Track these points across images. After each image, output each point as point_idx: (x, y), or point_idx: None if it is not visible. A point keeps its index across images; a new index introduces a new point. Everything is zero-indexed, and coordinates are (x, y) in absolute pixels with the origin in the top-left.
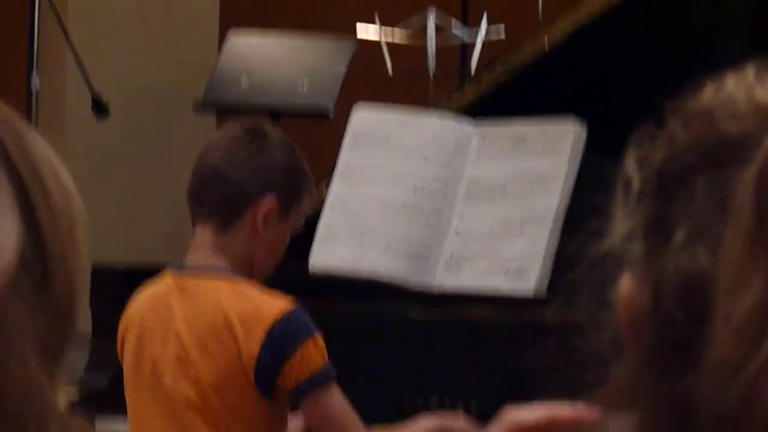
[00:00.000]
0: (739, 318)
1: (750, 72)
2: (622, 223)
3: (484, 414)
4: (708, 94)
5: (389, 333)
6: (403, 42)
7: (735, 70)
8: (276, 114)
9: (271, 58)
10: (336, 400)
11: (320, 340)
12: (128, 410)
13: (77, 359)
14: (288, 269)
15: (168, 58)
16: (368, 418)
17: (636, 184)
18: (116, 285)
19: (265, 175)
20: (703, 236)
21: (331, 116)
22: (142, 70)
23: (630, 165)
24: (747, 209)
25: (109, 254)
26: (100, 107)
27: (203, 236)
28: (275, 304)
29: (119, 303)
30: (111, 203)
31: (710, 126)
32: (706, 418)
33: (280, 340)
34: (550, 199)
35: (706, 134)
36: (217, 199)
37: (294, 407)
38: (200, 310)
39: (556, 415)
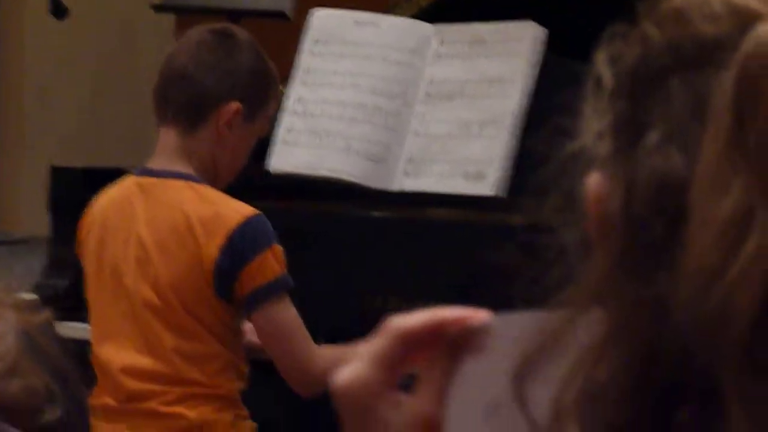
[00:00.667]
0: (718, 222)
1: None
2: (593, 121)
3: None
4: None
5: (349, 234)
6: None
7: None
8: (235, 14)
9: None
10: (288, 312)
11: (279, 250)
12: (90, 311)
13: (36, 262)
14: (247, 171)
15: None
16: (329, 319)
17: (608, 82)
18: (76, 186)
19: (232, 78)
20: (678, 139)
21: (290, 17)
22: None
23: (601, 62)
24: (725, 113)
25: (69, 155)
26: (58, 8)
27: (168, 138)
28: (237, 210)
29: (79, 204)
30: (71, 104)
31: (685, 27)
32: (683, 322)
33: (239, 246)
34: (509, 101)
35: (682, 35)
36: (182, 101)
37: (246, 314)
38: (162, 212)
39: (442, 318)
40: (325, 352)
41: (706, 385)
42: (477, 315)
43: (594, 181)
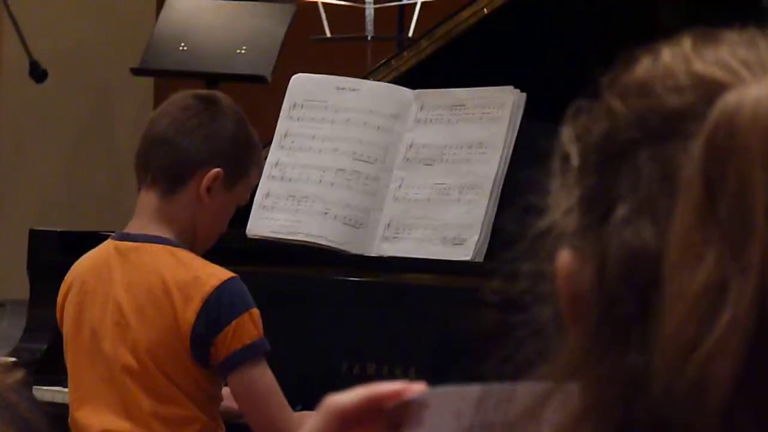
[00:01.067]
0: (692, 293)
1: (686, 42)
2: (561, 198)
3: (423, 381)
4: (644, 66)
5: (327, 300)
6: (342, 3)
7: (670, 41)
8: (213, 79)
9: (209, 23)
10: (264, 376)
11: (257, 314)
12: (68, 375)
13: (14, 325)
14: (226, 236)
15: (106, 22)
16: (305, 386)
17: (574, 158)
18: (54, 249)
19: (214, 144)
20: (648, 212)
21: (269, 81)
22: (81, 34)
23: (566, 138)
24: (695, 183)
25: (47, 217)
26: (37, 72)
27: (147, 202)
28: (214, 274)
29: (56, 268)
30: (49, 166)
31: (650, 99)
32: (659, 394)
33: (215, 310)
34: (489, 166)
35: (647, 108)
36: (164, 165)
37: (223, 378)
38: (140, 276)
39: (378, 393)
40: (303, 417)
41: None
42: (412, 388)
43: (564, 259)
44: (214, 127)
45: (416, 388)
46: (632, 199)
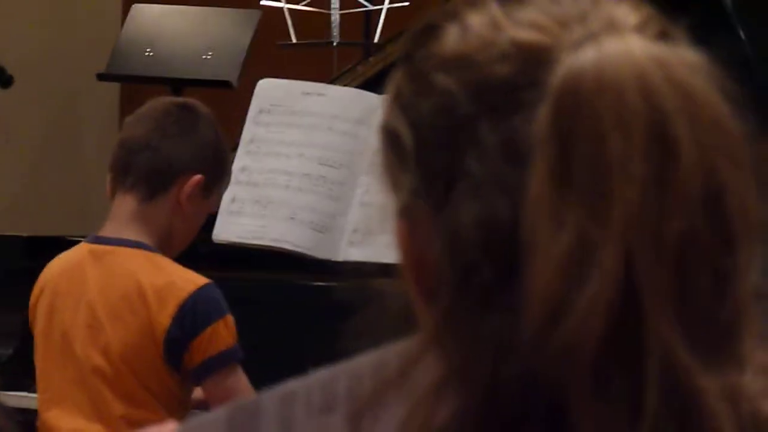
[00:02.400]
0: (557, 257)
1: (492, 6)
2: (398, 175)
3: None
4: (454, 36)
5: (293, 304)
6: (307, 9)
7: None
8: (180, 84)
9: (175, 29)
10: (240, 383)
11: (231, 321)
12: (38, 377)
13: None
14: (193, 242)
15: (72, 27)
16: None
17: (406, 136)
18: (20, 255)
19: (196, 150)
20: (496, 183)
21: (235, 87)
22: (46, 39)
23: (392, 117)
24: (546, 151)
25: (12, 224)
26: (3, 78)
27: (123, 206)
28: (190, 280)
29: (23, 273)
30: (14, 171)
31: (476, 72)
32: (527, 354)
33: (190, 316)
34: None
35: (476, 81)
36: (145, 170)
37: (196, 383)
38: (114, 278)
39: None
40: None
41: (552, 415)
42: (165, 428)
43: (402, 230)
44: (195, 134)
45: (169, 427)
46: (477, 171)
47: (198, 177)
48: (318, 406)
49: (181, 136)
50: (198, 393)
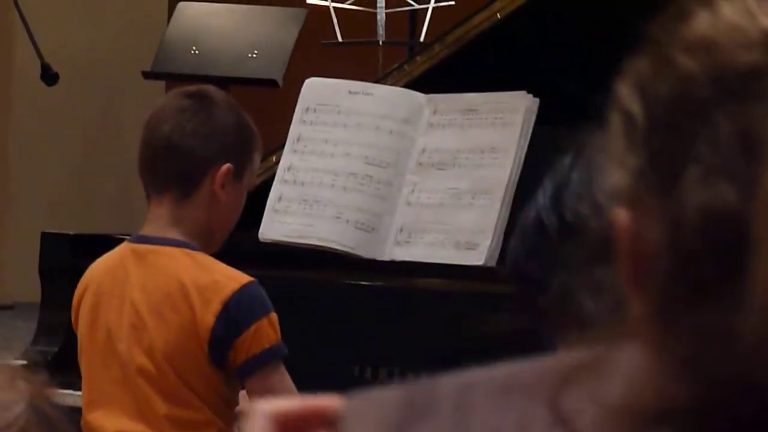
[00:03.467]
0: None
1: None
2: (626, 157)
3: None
4: (704, 20)
5: (339, 304)
6: (353, 8)
7: None
8: (224, 82)
9: (220, 27)
10: (283, 380)
11: (275, 318)
12: (82, 378)
13: (25, 328)
14: (238, 239)
15: (118, 27)
16: (318, 389)
17: (639, 117)
18: (65, 252)
19: (218, 140)
20: (726, 172)
21: (280, 85)
22: (92, 37)
23: (627, 96)
24: None
25: (57, 220)
26: (49, 75)
27: (159, 209)
28: (233, 278)
29: (68, 270)
30: (59, 169)
31: (721, 56)
32: (745, 356)
33: (235, 314)
34: (501, 171)
35: (720, 66)
36: (173, 171)
37: (241, 382)
38: (157, 278)
39: (317, 405)
40: None
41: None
42: (336, 402)
43: (623, 218)
44: (214, 124)
45: (339, 402)
46: (709, 159)
47: (226, 167)
48: (499, 387)
49: (201, 131)
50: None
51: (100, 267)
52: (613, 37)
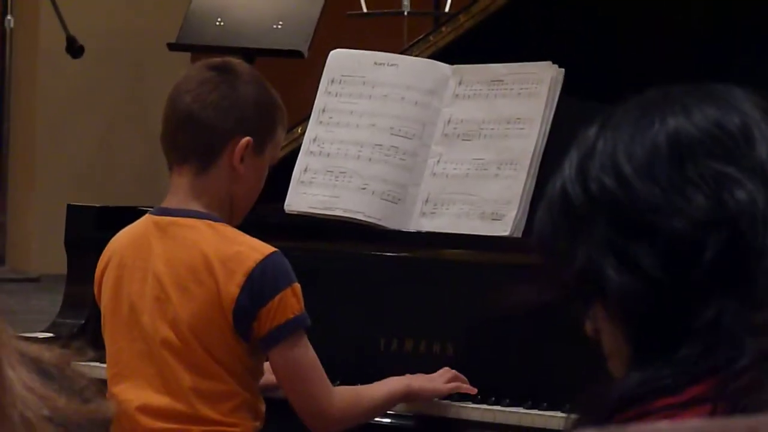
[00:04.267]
0: None
1: None
2: None
3: (461, 357)
4: None
5: (366, 275)
6: None
7: None
8: (250, 54)
9: None
10: (306, 351)
11: (298, 289)
12: (107, 350)
13: (51, 300)
14: (264, 211)
15: (142, 0)
16: (343, 362)
17: None
18: (91, 225)
19: (238, 113)
20: None
21: (305, 56)
22: (117, 9)
23: None
24: None
25: (82, 192)
26: (74, 48)
27: (180, 180)
28: (256, 248)
29: (93, 243)
30: (85, 142)
31: None
32: None
33: (259, 284)
34: (527, 141)
35: None
36: (193, 142)
37: (264, 352)
38: (180, 250)
39: None
40: (342, 392)
41: None
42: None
43: None
44: (235, 97)
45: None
46: None
47: (246, 140)
48: None
49: (221, 103)
50: (271, 376)
51: (122, 239)
52: (639, 8)
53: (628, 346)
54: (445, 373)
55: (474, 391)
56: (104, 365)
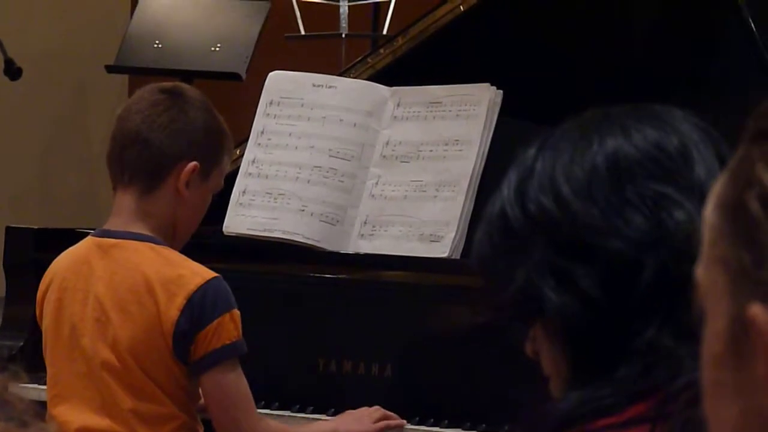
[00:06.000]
0: None
1: None
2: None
3: (399, 378)
4: None
5: (303, 296)
6: (316, 0)
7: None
8: (188, 76)
9: (184, 20)
10: (239, 379)
11: (237, 315)
12: (48, 371)
13: None
14: (202, 234)
15: (81, 19)
16: (281, 383)
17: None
18: (29, 247)
19: (187, 137)
20: None
21: (243, 78)
22: (55, 31)
23: (752, 201)
24: None
25: (20, 214)
26: (12, 70)
27: (124, 201)
28: (198, 273)
29: (32, 265)
30: (23, 164)
31: None
32: None
33: (198, 308)
34: (465, 163)
35: None
36: (139, 163)
37: (196, 377)
38: (122, 272)
39: None
40: (271, 426)
41: None
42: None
43: (762, 315)
44: (185, 121)
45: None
46: None
47: (192, 164)
48: None
49: (170, 126)
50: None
51: (64, 261)
52: (575, 28)
53: (568, 366)
54: (374, 412)
55: (404, 423)
56: (44, 387)
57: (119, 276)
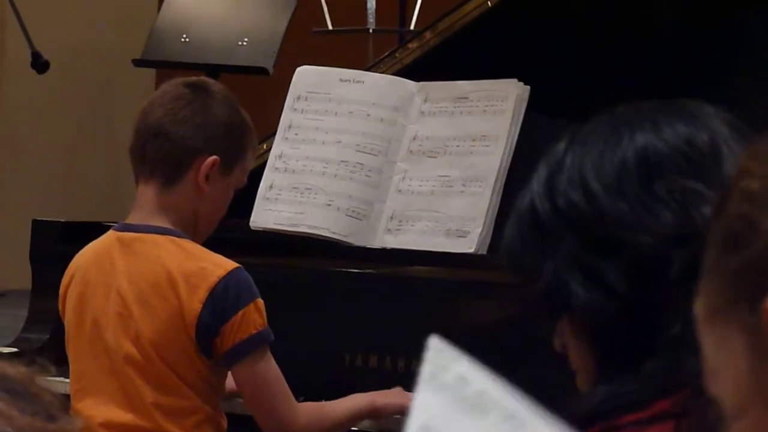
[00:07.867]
0: None
1: None
2: None
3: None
4: None
5: (330, 291)
6: None
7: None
8: (215, 69)
9: (211, 15)
10: (269, 366)
11: (261, 304)
12: (70, 366)
13: (15, 315)
14: (229, 228)
15: (109, 13)
16: (308, 377)
17: None
18: (55, 240)
19: (208, 132)
20: None
21: (270, 73)
22: (83, 25)
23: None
24: None
25: (47, 207)
26: (39, 63)
27: (146, 194)
28: (219, 264)
29: (58, 258)
30: (50, 157)
31: None
32: None
33: (221, 301)
34: (492, 158)
35: None
36: (160, 157)
37: (227, 368)
38: (143, 266)
39: None
40: (306, 408)
41: None
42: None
43: None
44: (207, 115)
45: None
46: None
47: (212, 158)
48: None
49: (192, 119)
50: (231, 382)
51: (86, 255)
52: (603, 23)
53: (595, 360)
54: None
55: None
56: (68, 380)
57: (141, 270)
